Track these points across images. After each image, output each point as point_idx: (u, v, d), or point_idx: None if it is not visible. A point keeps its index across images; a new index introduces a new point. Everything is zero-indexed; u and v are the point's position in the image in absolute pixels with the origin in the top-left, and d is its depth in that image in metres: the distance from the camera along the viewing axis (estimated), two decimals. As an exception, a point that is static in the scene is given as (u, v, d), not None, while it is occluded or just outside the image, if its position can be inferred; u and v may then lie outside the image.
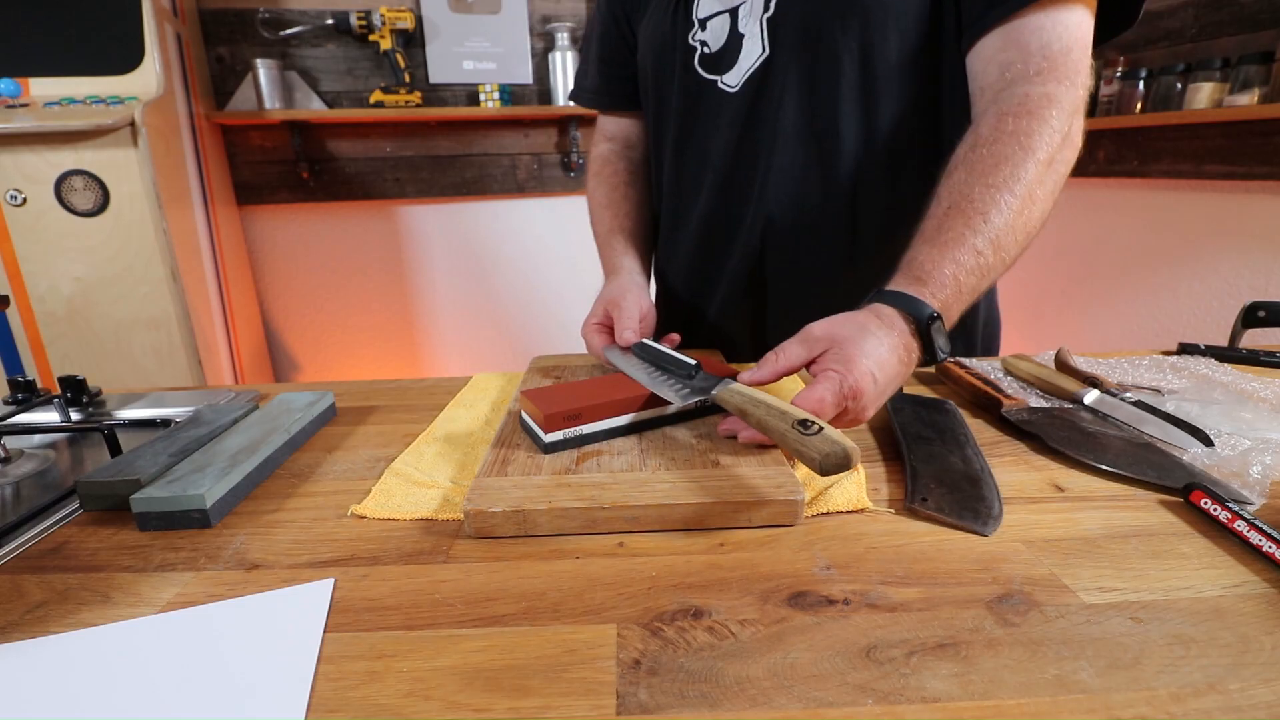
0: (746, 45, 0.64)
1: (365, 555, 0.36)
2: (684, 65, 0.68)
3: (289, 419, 0.52)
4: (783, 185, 0.66)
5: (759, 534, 0.37)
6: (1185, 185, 1.73)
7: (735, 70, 0.65)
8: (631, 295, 0.63)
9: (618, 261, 0.72)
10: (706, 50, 0.67)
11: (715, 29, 0.65)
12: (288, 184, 2.10)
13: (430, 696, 0.26)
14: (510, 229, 2.28)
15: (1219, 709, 0.25)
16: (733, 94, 0.66)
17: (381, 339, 2.34)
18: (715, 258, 0.74)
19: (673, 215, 0.77)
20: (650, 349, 0.54)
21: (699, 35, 0.67)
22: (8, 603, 0.33)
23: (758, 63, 0.64)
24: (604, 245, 0.77)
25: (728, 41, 0.65)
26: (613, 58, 0.79)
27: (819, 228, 0.67)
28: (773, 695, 0.26)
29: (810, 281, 0.69)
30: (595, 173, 0.84)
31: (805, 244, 0.68)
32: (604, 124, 0.85)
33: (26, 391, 0.59)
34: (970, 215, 0.48)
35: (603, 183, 0.82)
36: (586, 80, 0.84)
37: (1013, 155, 0.49)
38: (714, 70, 0.67)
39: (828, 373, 0.42)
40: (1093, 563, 0.34)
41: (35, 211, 1.50)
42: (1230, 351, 0.67)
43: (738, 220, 0.70)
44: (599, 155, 0.84)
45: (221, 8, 1.93)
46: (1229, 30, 1.57)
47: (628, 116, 0.83)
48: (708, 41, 0.66)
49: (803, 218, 0.67)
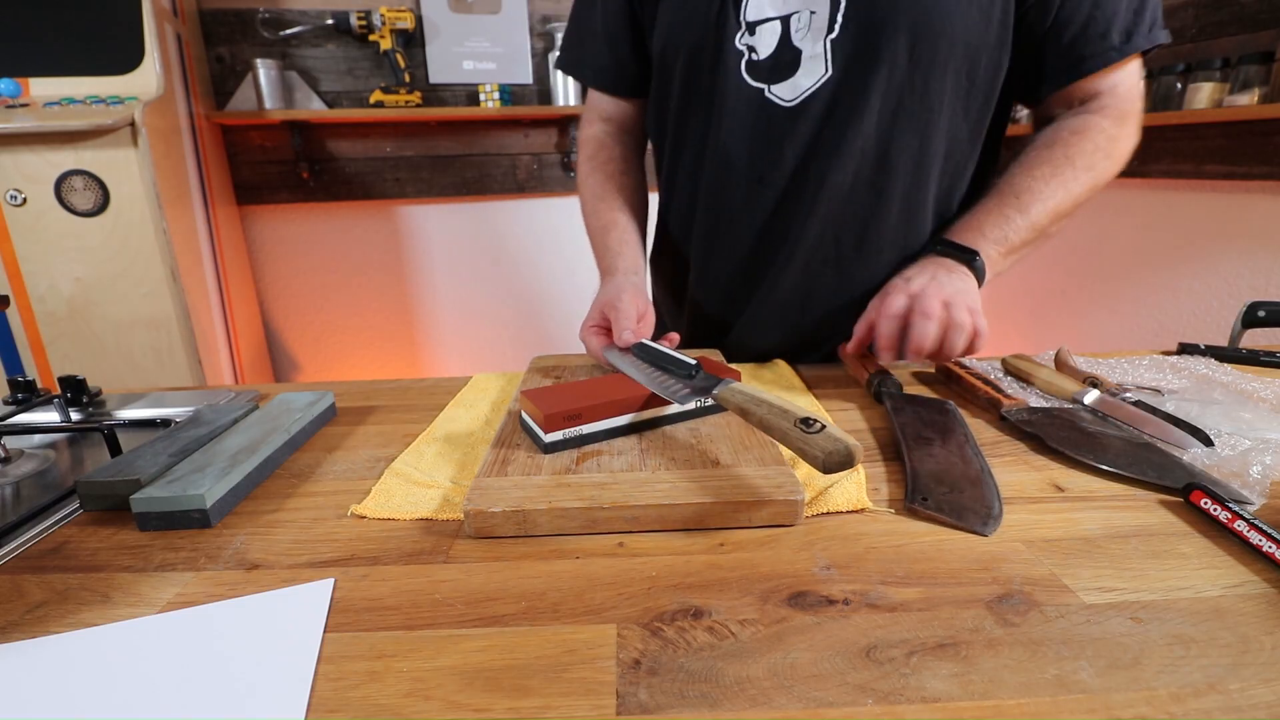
0: (807, 63, 0.63)
1: (365, 555, 0.36)
2: (727, 68, 0.65)
3: (289, 419, 0.52)
4: (841, 204, 0.67)
5: (759, 534, 0.37)
6: (1185, 185, 1.73)
7: (789, 84, 0.64)
8: (627, 296, 0.62)
9: (613, 262, 0.71)
10: (755, 57, 0.64)
11: (765, 35, 0.63)
12: (288, 184, 2.10)
13: (430, 696, 0.26)
14: (510, 229, 2.28)
15: (1219, 709, 0.25)
16: (788, 108, 0.64)
17: (381, 339, 2.34)
18: (767, 270, 0.72)
19: (712, 224, 0.74)
20: (650, 349, 0.54)
21: (747, 39, 0.64)
22: (8, 603, 0.33)
23: (820, 82, 0.63)
24: (599, 241, 0.75)
25: (779, 51, 0.63)
26: (622, 36, 0.74)
27: (875, 246, 0.69)
28: (773, 695, 0.26)
29: (862, 296, 0.68)
30: (590, 156, 0.80)
31: (860, 262, 0.70)
32: (600, 102, 0.81)
33: (26, 391, 0.59)
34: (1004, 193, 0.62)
35: (597, 170, 0.79)
36: (585, 53, 0.78)
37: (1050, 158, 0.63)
38: (761, 79, 0.64)
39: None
40: (1093, 563, 0.34)
41: (35, 211, 1.50)
42: (1230, 351, 0.67)
43: (796, 238, 0.69)
44: (593, 137, 0.80)
45: (221, 8, 1.93)
46: (1229, 30, 1.57)
47: (624, 99, 0.80)
48: (756, 47, 0.64)
49: (858, 236, 0.68)
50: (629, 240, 0.74)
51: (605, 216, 0.76)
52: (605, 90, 0.80)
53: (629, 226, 0.75)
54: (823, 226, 0.68)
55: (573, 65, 0.80)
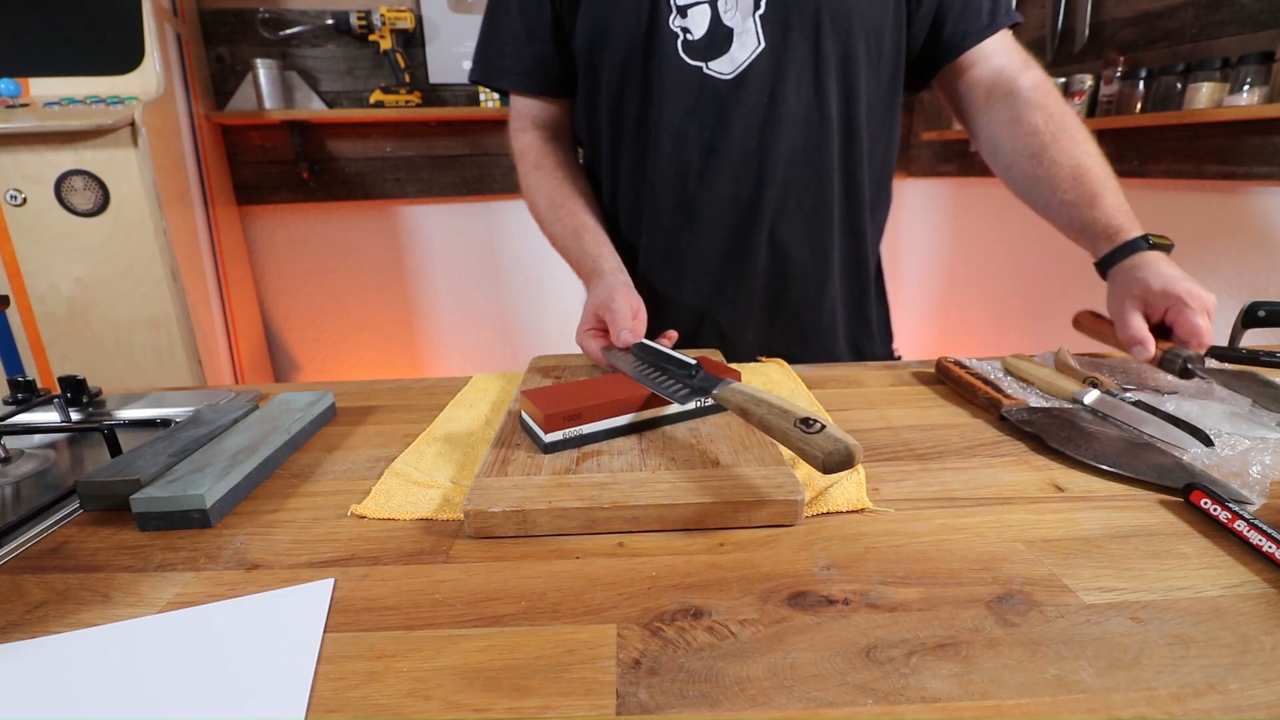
0: (740, 38, 0.68)
1: (365, 555, 0.36)
2: (664, 51, 0.68)
3: (289, 419, 0.52)
4: (791, 168, 0.72)
5: (759, 534, 0.37)
6: (1185, 185, 1.73)
7: (726, 59, 0.68)
8: (620, 296, 0.62)
9: (596, 264, 0.70)
10: (690, 37, 0.68)
11: (696, 17, 0.68)
12: (288, 184, 2.10)
13: (430, 696, 0.26)
14: (510, 229, 2.28)
15: (1219, 709, 0.25)
16: (728, 81, 0.69)
17: (381, 339, 2.34)
18: (741, 242, 0.75)
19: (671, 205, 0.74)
20: (650, 349, 0.54)
21: (678, 21, 0.68)
22: (8, 603, 0.33)
23: (754, 55, 0.68)
24: (573, 246, 0.73)
25: (711, 30, 0.68)
26: (544, 35, 0.73)
27: (821, 205, 0.74)
28: (773, 695, 0.26)
29: (819, 255, 0.77)
30: (534, 164, 0.77)
31: (813, 221, 0.75)
32: (528, 109, 0.79)
33: (26, 391, 0.59)
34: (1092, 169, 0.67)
35: (546, 177, 0.77)
36: (504, 59, 0.75)
37: (1068, 123, 0.69)
38: (698, 57, 0.69)
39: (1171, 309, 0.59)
40: (1093, 563, 0.34)
41: (35, 211, 1.50)
42: (1230, 351, 0.67)
43: (757, 205, 0.73)
44: (530, 145, 0.78)
45: (221, 8, 1.93)
46: (1229, 30, 1.57)
47: (551, 102, 0.78)
48: (689, 28, 0.68)
49: (808, 197, 0.74)
50: (604, 241, 0.73)
51: (571, 221, 0.74)
52: (532, 93, 0.78)
53: (598, 228, 0.74)
54: (782, 191, 0.73)
55: (492, 75, 0.77)
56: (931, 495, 0.41)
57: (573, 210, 0.75)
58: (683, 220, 0.75)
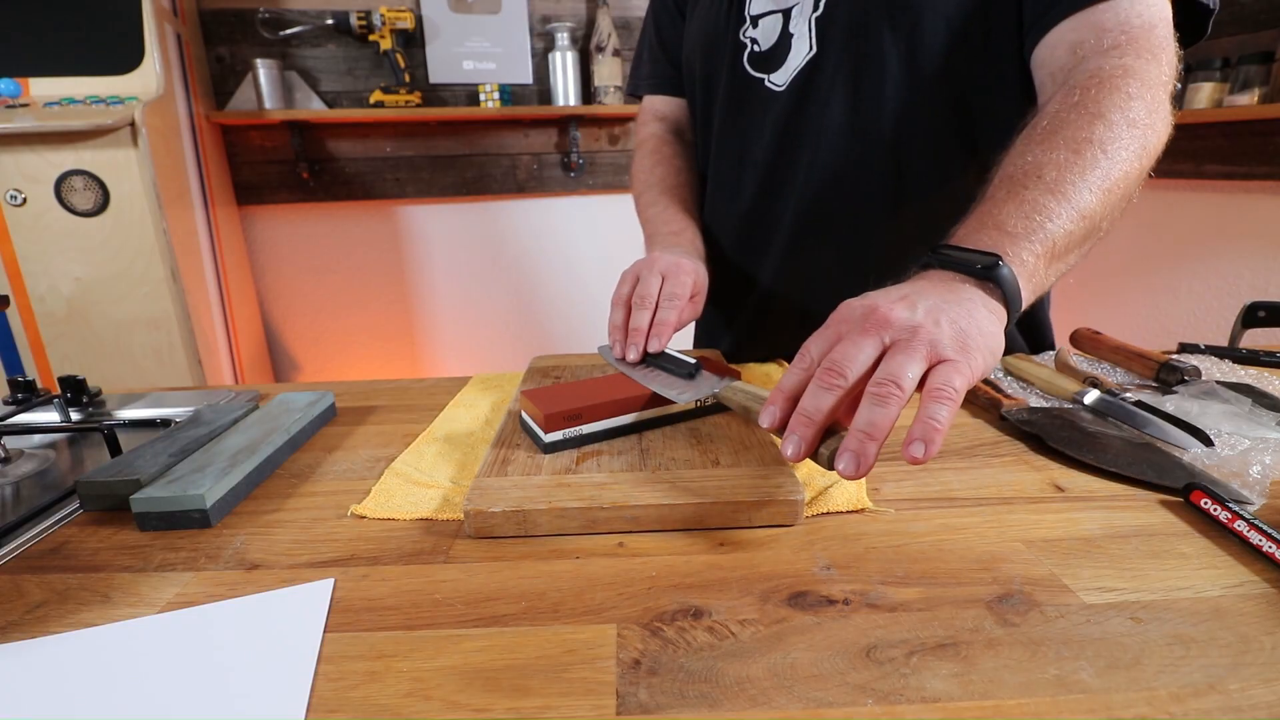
0: (795, 44, 0.64)
1: (365, 555, 0.36)
2: (732, 61, 0.68)
3: (289, 419, 0.52)
4: (825, 182, 0.67)
5: (759, 534, 0.37)
6: (1185, 185, 1.73)
7: (783, 69, 0.66)
8: (688, 264, 0.61)
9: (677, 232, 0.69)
10: (757, 49, 0.67)
11: (767, 27, 0.66)
12: (288, 184, 2.10)
13: (430, 696, 0.26)
14: (510, 229, 2.28)
15: (1219, 709, 0.25)
16: (779, 92, 0.66)
17: (381, 339, 2.34)
18: (755, 255, 0.74)
19: (711, 212, 0.77)
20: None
21: (750, 32, 0.67)
22: (8, 603, 0.33)
23: (804, 61, 0.64)
24: (658, 212, 0.73)
25: (778, 41, 0.65)
26: (668, 43, 0.80)
27: (858, 222, 0.67)
28: (773, 695, 0.26)
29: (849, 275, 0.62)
30: (652, 150, 0.81)
31: (843, 239, 0.68)
32: (653, 104, 0.84)
33: (26, 391, 0.59)
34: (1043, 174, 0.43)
35: (653, 162, 0.80)
36: (643, 71, 0.84)
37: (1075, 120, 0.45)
38: (762, 69, 0.67)
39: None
40: (1093, 563, 0.34)
41: (35, 211, 1.50)
42: (1230, 351, 0.67)
43: (778, 217, 0.70)
44: (651, 134, 0.83)
45: (221, 8, 1.93)
46: (1229, 30, 1.57)
47: (673, 99, 0.83)
48: (758, 39, 0.67)
49: (842, 212, 0.67)
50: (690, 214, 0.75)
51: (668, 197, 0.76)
52: (658, 92, 0.84)
53: (689, 202, 0.77)
54: (808, 206, 0.67)
55: (635, 87, 0.86)
56: (931, 495, 0.41)
57: (669, 187, 0.77)
58: (726, 233, 0.75)
